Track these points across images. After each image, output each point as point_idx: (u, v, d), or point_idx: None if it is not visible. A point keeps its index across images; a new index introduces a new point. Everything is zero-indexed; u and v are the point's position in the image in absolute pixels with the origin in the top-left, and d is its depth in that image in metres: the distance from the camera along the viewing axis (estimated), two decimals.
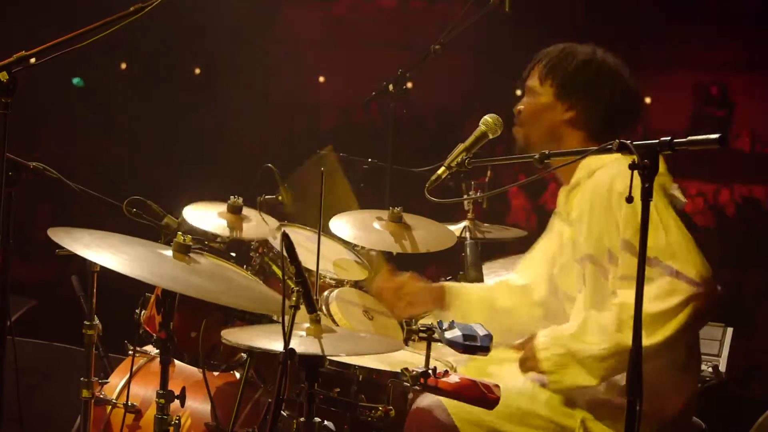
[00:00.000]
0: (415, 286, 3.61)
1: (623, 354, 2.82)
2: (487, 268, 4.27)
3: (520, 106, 3.27)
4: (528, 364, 3.05)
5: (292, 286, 2.61)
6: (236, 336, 2.76)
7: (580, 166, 3.11)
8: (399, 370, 2.76)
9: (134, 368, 3.47)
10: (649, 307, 2.73)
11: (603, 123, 3.14)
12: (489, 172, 4.62)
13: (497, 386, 2.73)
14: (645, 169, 2.49)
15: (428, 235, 3.82)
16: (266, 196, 3.82)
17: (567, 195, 3.20)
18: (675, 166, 3.02)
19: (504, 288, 3.60)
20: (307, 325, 2.65)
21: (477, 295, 3.60)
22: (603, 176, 3.01)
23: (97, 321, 3.36)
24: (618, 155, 2.81)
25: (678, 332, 2.80)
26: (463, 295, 3.58)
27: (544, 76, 3.19)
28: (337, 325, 3.37)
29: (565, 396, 3.03)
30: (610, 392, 2.98)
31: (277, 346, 2.47)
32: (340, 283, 3.72)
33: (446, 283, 3.66)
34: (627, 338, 2.79)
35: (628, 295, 2.80)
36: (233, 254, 3.66)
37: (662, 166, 2.68)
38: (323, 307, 3.46)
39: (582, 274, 3.11)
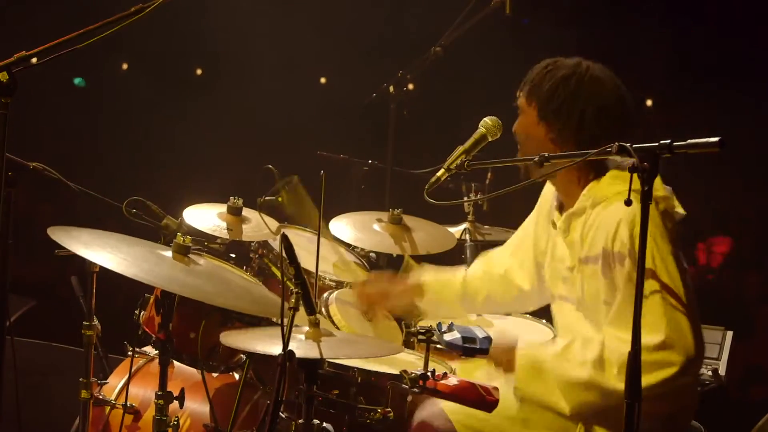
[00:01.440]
0: (393, 293, 3.55)
1: (597, 391, 2.83)
2: None
3: (515, 127, 3.25)
4: (504, 357, 2.99)
5: (292, 287, 2.61)
6: (235, 338, 2.76)
7: (583, 194, 3.06)
8: (398, 372, 2.76)
9: (133, 369, 3.47)
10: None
11: (587, 137, 3.04)
12: (489, 175, 4.63)
13: (496, 388, 2.72)
14: (644, 173, 2.49)
15: (428, 236, 3.82)
16: (266, 198, 3.82)
17: (569, 218, 3.12)
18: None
19: (482, 277, 3.55)
20: (306, 327, 2.65)
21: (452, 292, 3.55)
22: (609, 219, 2.93)
23: (96, 321, 3.36)
24: (621, 189, 2.73)
25: (649, 387, 2.70)
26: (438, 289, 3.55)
27: (528, 96, 3.15)
28: (337, 327, 3.37)
29: (530, 408, 2.99)
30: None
31: (276, 348, 2.47)
32: (339, 285, 3.72)
33: (422, 282, 3.58)
34: (604, 379, 2.80)
35: (617, 338, 2.80)
36: (233, 255, 3.65)
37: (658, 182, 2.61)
38: (322, 309, 3.46)
39: (574, 283, 3.08)
